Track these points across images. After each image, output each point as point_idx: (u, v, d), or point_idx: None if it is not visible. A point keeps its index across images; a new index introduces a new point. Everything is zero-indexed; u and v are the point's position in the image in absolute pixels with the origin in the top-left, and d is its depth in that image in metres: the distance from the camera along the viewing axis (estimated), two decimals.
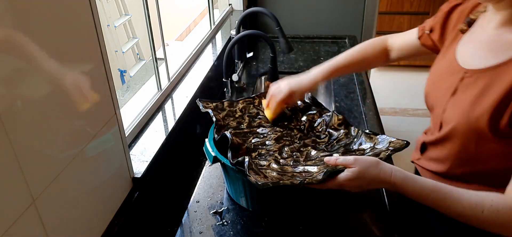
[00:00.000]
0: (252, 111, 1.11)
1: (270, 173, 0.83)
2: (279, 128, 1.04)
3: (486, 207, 0.69)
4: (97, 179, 0.77)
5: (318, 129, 1.01)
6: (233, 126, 1.04)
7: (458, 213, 0.72)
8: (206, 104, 1.09)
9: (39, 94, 0.60)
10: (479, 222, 0.70)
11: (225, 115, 1.07)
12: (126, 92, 1.26)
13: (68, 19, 0.66)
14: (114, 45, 3.15)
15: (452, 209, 0.72)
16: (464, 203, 0.71)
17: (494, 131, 0.74)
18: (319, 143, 0.98)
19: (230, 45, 1.37)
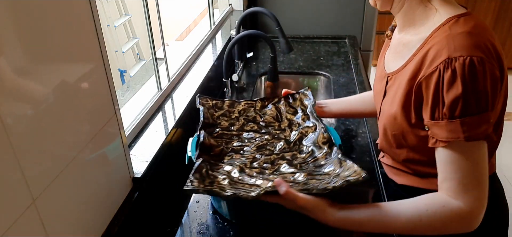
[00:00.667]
0: (250, 115, 1.09)
1: (222, 181, 0.79)
2: (267, 137, 1.01)
3: (422, 214, 0.72)
4: (97, 179, 0.77)
5: (305, 144, 0.97)
6: (224, 127, 1.03)
7: (401, 229, 0.74)
8: (205, 100, 1.09)
9: (39, 94, 0.60)
10: (422, 230, 0.73)
11: (221, 114, 1.07)
12: (126, 92, 1.26)
13: (68, 19, 0.66)
14: (114, 45, 3.15)
15: (393, 227, 0.75)
16: (402, 218, 0.73)
17: (411, 125, 0.79)
18: (296, 159, 0.92)
19: (230, 45, 1.37)
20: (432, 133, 0.74)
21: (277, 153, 0.95)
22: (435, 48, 0.71)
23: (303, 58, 1.91)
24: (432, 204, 0.73)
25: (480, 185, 0.71)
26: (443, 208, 0.71)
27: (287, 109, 1.10)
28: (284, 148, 0.96)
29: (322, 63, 1.85)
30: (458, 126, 0.69)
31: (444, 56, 0.69)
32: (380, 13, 2.10)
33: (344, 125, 1.34)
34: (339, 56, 1.93)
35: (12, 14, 0.54)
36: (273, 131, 1.04)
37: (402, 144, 0.84)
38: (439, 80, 0.69)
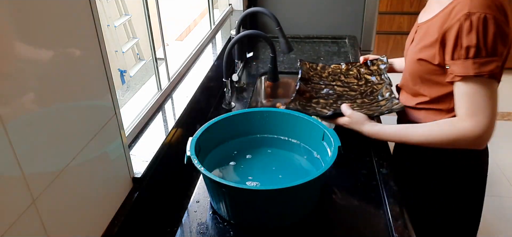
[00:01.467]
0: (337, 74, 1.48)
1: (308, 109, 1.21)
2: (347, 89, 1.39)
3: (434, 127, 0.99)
4: (97, 179, 0.77)
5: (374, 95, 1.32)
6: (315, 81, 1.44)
7: (417, 138, 1.01)
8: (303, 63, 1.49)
9: (39, 94, 0.60)
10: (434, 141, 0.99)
11: (314, 74, 1.48)
12: (126, 92, 1.26)
13: (68, 19, 0.66)
14: (114, 45, 3.15)
15: (411, 137, 1.03)
16: (419, 131, 1.02)
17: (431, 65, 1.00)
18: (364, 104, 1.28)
19: (230, 45, 1.37)
20: (450, 70, 0.94)
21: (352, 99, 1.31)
22: (460, 5, 0.91)
23: (303, 58, 1.90)
24: (443, 122, 0.98)
25: (485, 113, 0.91)
26: (452, 125, 0.96)
27: (366, 71, 1.45)
28: (357, 96, 1.33)
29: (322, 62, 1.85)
30: (470, 65, 0.90)
31: (465, 11, 0.89)
32: (380, 13, 2.09)
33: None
34: (339, 56, 1.93)
35: (11, 14, 0.54)
36: (353, 86, 1.40)
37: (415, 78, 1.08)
38: (460, 29, 0.90)
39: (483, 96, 0.91)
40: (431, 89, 1.04)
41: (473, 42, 0.88)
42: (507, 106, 3.22)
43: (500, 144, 2.76)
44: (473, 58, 0.89)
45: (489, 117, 0.91)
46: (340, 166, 1.13)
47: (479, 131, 0.92)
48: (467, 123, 0.93)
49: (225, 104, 1.48)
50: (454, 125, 0.95)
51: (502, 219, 2.12)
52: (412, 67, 1.07)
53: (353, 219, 0.95)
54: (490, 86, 0.91)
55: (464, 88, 0.93)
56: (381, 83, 1.36)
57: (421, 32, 1.04)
